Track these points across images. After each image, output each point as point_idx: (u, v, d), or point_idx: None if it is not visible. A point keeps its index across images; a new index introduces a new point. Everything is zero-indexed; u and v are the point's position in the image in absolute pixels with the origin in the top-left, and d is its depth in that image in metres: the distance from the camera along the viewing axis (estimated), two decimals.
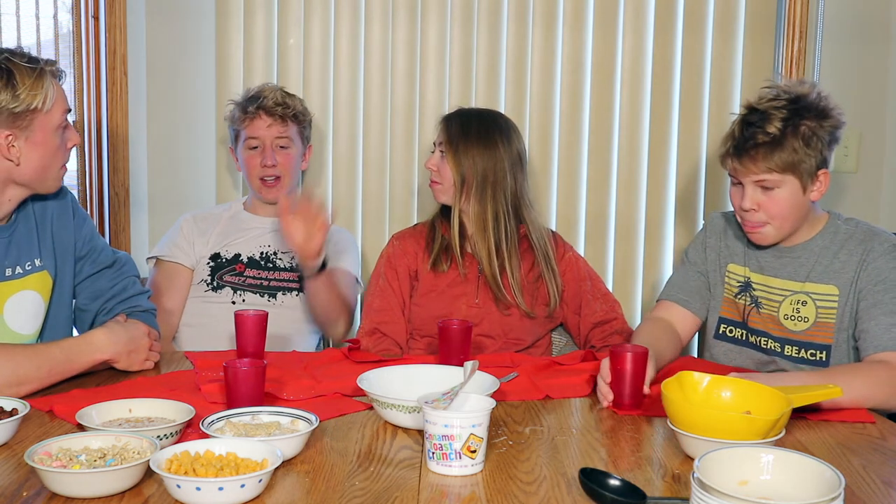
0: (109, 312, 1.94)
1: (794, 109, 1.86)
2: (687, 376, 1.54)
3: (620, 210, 2.78)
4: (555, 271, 2.28)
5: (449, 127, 2.25)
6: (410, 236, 2.34)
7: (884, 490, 1.29)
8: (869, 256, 1.87)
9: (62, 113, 1.80)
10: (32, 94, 1.72)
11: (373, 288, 2.32)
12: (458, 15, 2.71)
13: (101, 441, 1.31)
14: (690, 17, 2.71)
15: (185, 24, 2.73)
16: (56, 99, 1.78)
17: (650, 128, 2.75)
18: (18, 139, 1.75)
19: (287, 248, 2.42)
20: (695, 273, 2.11)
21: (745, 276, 2.03)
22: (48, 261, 1.90)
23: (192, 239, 2.45)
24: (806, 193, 1.90)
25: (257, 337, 1.88)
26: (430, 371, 1.75)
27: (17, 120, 1.73)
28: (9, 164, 1.75)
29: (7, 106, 1.71)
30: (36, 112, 1.74)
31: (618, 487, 1.24)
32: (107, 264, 1.99)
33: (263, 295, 2.40)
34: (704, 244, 2.12)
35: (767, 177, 1.87)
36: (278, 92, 2.45)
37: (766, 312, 1.99)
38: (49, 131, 1.78)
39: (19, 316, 1.83)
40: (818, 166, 1.88)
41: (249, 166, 2.44)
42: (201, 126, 2.78)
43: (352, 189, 2.79)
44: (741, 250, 2.05)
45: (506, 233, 2.22)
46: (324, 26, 2.72)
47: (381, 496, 1.24)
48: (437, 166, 2.25)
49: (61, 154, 1.83)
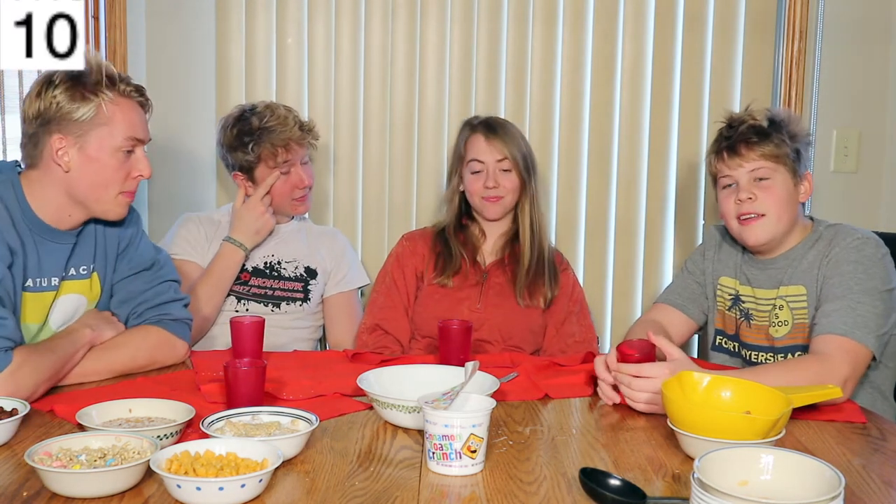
0: (140, 317, 1.90)
1: (773, 116, 1.99)
2: (687, 376, 1.54)
3: (620, 210, 2.78)
4: (556, 271, 2.31)
5: (504, 140, 2.28)
6: (420, 238, 2.38)
7: (884, 490, 1.29)
8: (832, 252, 1.89)
9: (125, 136, 1.76)
10: (88, 103, 1.71)
11: (379, 285, 2.35)
12: (458, 15, 2.71)
13: (101, 441, 1.31)
14: (690, 17, 2.71)
15: (185, 24, 2.73)
16: (121, 118, 1.75)
17: (650, 128, 2.75)
18: (72, 147, 1.73)
19: (290, 258, 2.45)
20: (693, 282, 2.15)
21: (734, 290, 2.06)
22: (100, 264, 1.88)
23: (201, 237, 2.44)
24: (796, 188, 1.95)
25: (254, 343, 1.87)
26: (430, 371, 1.75)
27: (71, 126, 1.72)
28: (59, 169, 1.74)
29: (63, 110, 1.70)
30: (92, 124, 1.72)
31: (618, 487, 1.24)
32: (145, 266, 1.94)
33: (267, 304, 2.39)
34: (703, 255, 2.16)
35: (762, 164, 1.93)
36: (291, 118, 2.39)
37: (755, 324, 2.01)
38: (105, 148, 1.74)
39: (61, 318, 1.82)
40: (803, 165, 1.97)
41: (282, 191, 2.40)
42: (201, 126, 2.78)
43: (352, 189, 2.79)
44: (733, 263, 2.08)
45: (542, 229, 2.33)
46: (324, 26, 2.72)
47: (381, 496, 1.24)
48: (500, 183, 2.27)
49: (119, 178, 1.78)
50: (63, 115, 1.71)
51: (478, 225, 2.36)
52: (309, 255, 2.47)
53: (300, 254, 2.46)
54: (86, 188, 1.76)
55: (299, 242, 2.49)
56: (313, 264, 2.46)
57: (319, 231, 2.57)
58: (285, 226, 2.51)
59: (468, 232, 2.35)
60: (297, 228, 2.52)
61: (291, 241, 2.48)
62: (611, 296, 2.81)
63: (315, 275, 2.45)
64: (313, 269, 2.45)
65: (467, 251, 2.32)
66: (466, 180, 2.31)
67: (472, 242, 2.34)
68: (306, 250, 2.47)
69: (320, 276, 2.46)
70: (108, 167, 1.76)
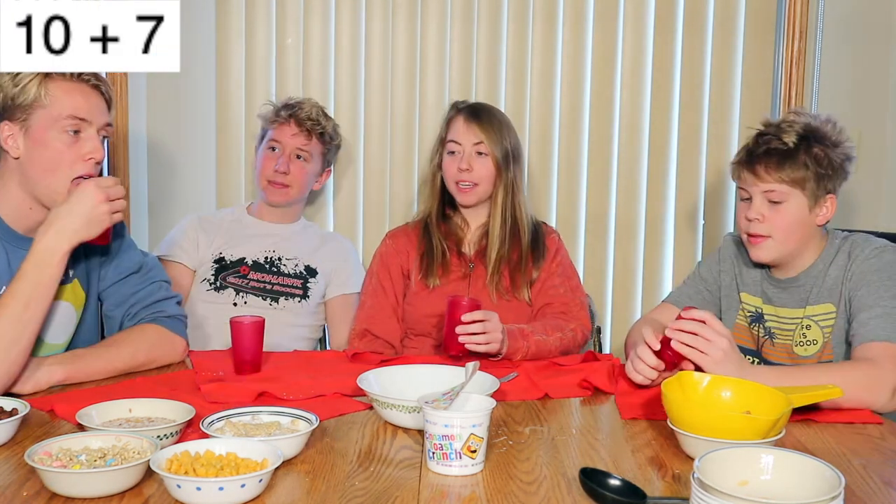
0: (134, 318, 1.91)
1: (809, 131, 1.90)
2: (687, 376, 1.54)
3: (620, 210, 2.78)
4: (542, 257, 2.28)
5: (483, 123, 2.25)
6: (403, 235, 2.34)
7: (884, 490, 1.29)
8: (853, 265, 1.87)
9: (67, 115, 1.72)
10: (28, 86, 1.70)
11: (366, 288, 2.33)
12: (458, 14, 2.71)
13: (101, 441, 1.31)
14: (690, 17, 2.71)
15: (186, 24, 2.70)
16: (62, 99, 1.72)
17: (650, 127, 2.75)
18: (18, 133, 1.73)
19: (292, 256, 2.46)
20: (704, 289, 2.12)
21: (756, 308, 2.03)
22: (80, 271, 1.87)
23: (197, 240, 2.46)
24: (811, 214, 1.90)
25: (254, 343, 1.86)
26: (430, 371, 1.75)
27: (15, 112, 1.71)
28: (10, 158, 1.73)
29: (8, 96, 1.70)
30: (33, 107, 1.71)
31: (618, 487, 1.24)
32: (132, 270, 1.93)
33: (266, 298, 2.41)
34: (719, 266, 2.12)
35: (776, 187, 1.88)
36: (316, 108, 2.49)
37: (779, 343, 1.98)
38: (47, 129, 1.72)
39: (52, 327, 1.80)
40: (826, 190, 1.90)
41: (263, 165, 2.47)
42: (201, 126, 2.78)
43: (352, 190, 2.79)
44: (753, 281, 2.04)
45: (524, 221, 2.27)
46: (324, 26, 2.72)
47: (381, 496, 1.24)
48: (474, 166, 2.24)
49: (67, 160, 1.73)
50: (10, 100, 1.71)
51: (459, 214, 2.33)
52: (310, 254, 2.48)
53: (302, 252, 2.47)
54: (37, 174, 1.73)
55: (302, 242, 2.50)
56: (314, 264, 2.47)
57: (325, 235, 2.59)
58: (291, 226, 2.53)
59: (451, 222, 2.32)
60: (301, 230, 2.54)
61: (294, 239, 2.50)
62: (611, 296, 2.81)
63: (315, 274, 2.46)
64: (313, 269, 2.46)
65: (451, 242, 2.29)
66: (444, 163, 2.29)
67: (455, 233, 2.31)
68: (308, 250, 2.49)
69: (320, 277, 2.46)
70: (53, 149, 1.73)
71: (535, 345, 2.02)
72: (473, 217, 2.32)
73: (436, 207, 2.32)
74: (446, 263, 2.26)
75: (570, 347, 2.14)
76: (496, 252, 2.24)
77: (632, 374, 1.75)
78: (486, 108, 2.32)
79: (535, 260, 2.26)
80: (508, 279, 2.24)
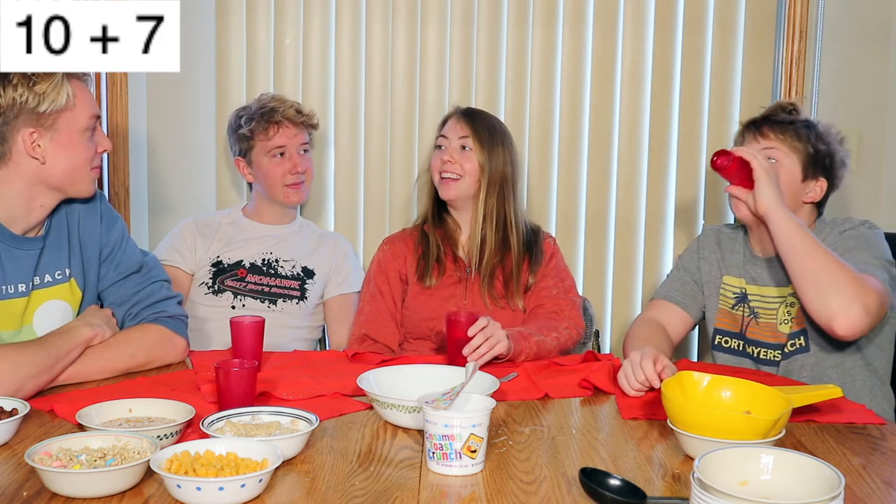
0: (135, 317, 1.91)
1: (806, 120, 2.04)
2: (687, 376, 1.54)
3: (620, 210, 2.78)
4: (538, 263, 2.27)
5: (473, 121, 2.26)
6: (400, 240, 2.34)
7: (884, 490, 1.29)
8: (830, 238, 1.95)
9: (89, 116, 1.79)
10: (55, 93, 1.72)
11: (364, 293, 2.33)
12: (458, 15, 2.71)
13: (101, 441, 1.31)
14: (690, 17, 2.71)
15: (186, 24, 2.70)
16: (81, 100, 1.77)
17: (650, 127, 2.75)
18: (43, 138, 1.74)
19: (289, 257, 2.46)
20: (689, 279, 2.16)
21: (741, 288, 2.06)
22: (76, 269, 1.88)
23: (194, 244, 2.45)
24: (802, 184, 1.98)
25: (254, 343, 1.86)
26: (430, 371, 1.75)
27: (40, 118, 1.73)
28: (35, 163, 1.75)
29: (28, 104, 1.71)
30: (60, 112, 1.74)
31: (618, 487, 1.24)
32: (133, 269, 1.94)
33: (264, 301, 2.40)
34: (699, 254, 2.17)
35: (777, 145, 1.97)
36: (289, 101, 2.49)
37: (763, 322, 2.02)
38: (75, 132, 1.77)
39: (48, 326, 1.80)
40: (819, 174, 2.00)
41: (274, 174, 2.44)
42: (202, 126, 2.78)
43: (353, 189, 2.79)
44: (737, 262, 2.09)
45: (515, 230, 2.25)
46: (324, 27, 2.72)
47: (381, 496, 1.24)
48: (456, 159, 2.24)
49: (90, 157, 1.81)
50: (30, 109, 1.72)
51: (451, 217, 2.32)
52: (308, 255, 2.48)
53: (299, 254, 2.47)
54: (62, 174, 1.78)
55: (299, 243, 2.49)
56: (311, 265, 2.47)
57: (322, 234, 2.57)
58: (287, 226, 2.52)
59: (446, 225, 2.32)
60: (298, 230, 2.53)
61: (291, 241, 2.49)
62: (611, 295, 2.80)
63: (312, 275, 2.45)
64: (311, 270, 2.46)
65: (447, 246, 2.29)
66: (432, 159, 2.29)
67: (450, 236, 2.30)
68: (305, 251, 2.48)
69: (318, 278, 2.46)
70: (80, 148, 1.79)
71: (536, 345, 2.03)
72: (464, 219, 2.30)
73: (431, 208, 2.32)
74: (442, 264, 2.26)
75: (567, 346, 2.14)
76: (487, 258, 2.24)
77: (623, 385, 1.74)
78: (482, 112, 2.33)
79: (530, 266, 2.26)
80: (502, 286, 2.24)
